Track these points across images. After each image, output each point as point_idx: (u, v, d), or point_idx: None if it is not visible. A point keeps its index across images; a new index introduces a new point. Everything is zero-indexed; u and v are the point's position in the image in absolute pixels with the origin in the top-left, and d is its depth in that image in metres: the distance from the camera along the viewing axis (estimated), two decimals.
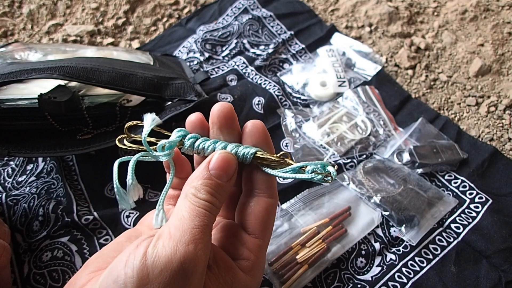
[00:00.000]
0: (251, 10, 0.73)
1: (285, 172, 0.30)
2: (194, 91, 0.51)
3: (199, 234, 0.26)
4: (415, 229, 0.49)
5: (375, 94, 0.63)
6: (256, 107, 0.59)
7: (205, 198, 0.28)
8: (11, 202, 0.49)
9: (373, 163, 0.54)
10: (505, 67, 0.68)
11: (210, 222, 0.28)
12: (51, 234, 0.46)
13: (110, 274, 0.25)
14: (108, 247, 0.30)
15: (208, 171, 0.29)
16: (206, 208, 0.27)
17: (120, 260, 0.25)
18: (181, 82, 0.51)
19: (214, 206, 0.28)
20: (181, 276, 0.24)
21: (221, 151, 0.29)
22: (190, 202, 0.27)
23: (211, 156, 0.29)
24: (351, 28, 0.73)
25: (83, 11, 0.74)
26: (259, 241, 0.31)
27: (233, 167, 0.29)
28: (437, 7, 0.76)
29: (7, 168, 0.54)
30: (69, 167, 0.53)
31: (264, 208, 0.31)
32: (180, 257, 0.24)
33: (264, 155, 0.30)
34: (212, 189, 0.28)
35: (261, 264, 0.31)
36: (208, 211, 0.27)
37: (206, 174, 0.29)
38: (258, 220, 0.30)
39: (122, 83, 0.47)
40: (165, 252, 0.24)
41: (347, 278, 0.46)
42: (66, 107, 0.46)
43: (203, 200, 0.28)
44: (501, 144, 0.60)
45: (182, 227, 0.26)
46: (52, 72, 0.44)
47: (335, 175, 0.29)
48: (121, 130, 0.48)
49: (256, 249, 0.30)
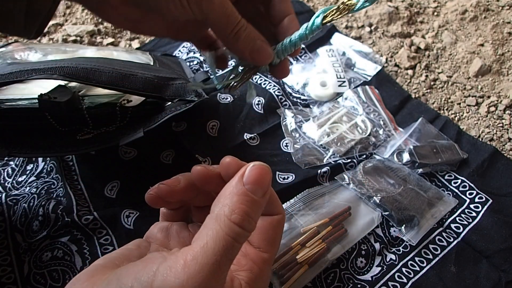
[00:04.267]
0: None
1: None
2: (194, 91, 0.51)
3: (219, 271, 0.22)
4: (415, 229, 0.49)
5: (375, 94, 0.63)
6: (256, 107, 0.59)
7: (239, 223, 0.23)
8: (11, 202, 0.49)
9: (373, 163, 0.54)
10: (505, 67, 0.68)
11: (236, 254, 0.24)
12: (51, 234, 0.46)
13: (118, 281, 0.23)
14: (118, 251, 0.29)
15: (243, 185, 0.24)
16: (237, 236, 0.23)
17: (132, 271, 0.23)
18: (181, 83, 0.51)
19: (248, 232, 0.24)
20: None
21: (253, 163, 0.25)
22: (220, 227, 0.23)
23: (243, 168, 0.25)
24: (351, 28, 0.73)
25: (83, 11, 0.74)
26: (265, 254, 0.29)
27: (268, 178, 0.25)
28: (437, 7, 0.76)
29: (7, 168, 0.54)
30: (69, 167, 0.53)
31: (270, 225, 0.29)
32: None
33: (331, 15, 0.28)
34: (249, 208, 0.24)
35: (264, 277, 0.29)
36: (239, 242, 0.23)
37: (241, 189, 0.24)
38: (264, 235, 0.28)
39: (122, 83, 0.47)
40: (174, 283, 0.21)
41: (347, 278, 0.46)
42: (66, 107, 0.46)
43: (237, 224, 0.23)
44: (501, 144, 0.60)
45: (202, 260, 0.22)
46: (52, 73, 0.44)
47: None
48: (121, 130, 0.48)
49: (260, 262, 0.28)
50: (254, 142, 0.56)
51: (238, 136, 0.56)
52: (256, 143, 0.56)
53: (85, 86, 0.50)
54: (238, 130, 0.56)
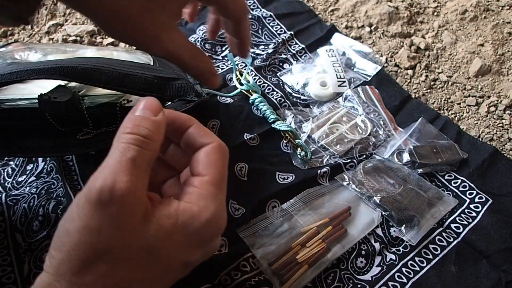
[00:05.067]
0: (251, 10, 0.73)
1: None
2: (194, 91, 0.51)
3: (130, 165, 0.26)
4: (415, 229, 0.49)
5: (375, 94, 0.63)
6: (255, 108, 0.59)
7: (130, 131, 0.27)
8: (11, 202, 0.49)
9: (373, 163, 0.54)
10: (505, 67, 0.68)
11: (143, 156, 0.27)
12: (51, 234, 0.46)
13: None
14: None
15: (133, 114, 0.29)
16: (135, 142, 0.27)
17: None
18: (181, 83, 0.51)
19: (145, 138, 0.27)
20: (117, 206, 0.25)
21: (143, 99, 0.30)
22: (118, 142, 0.27)
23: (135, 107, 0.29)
24: (351, 28, 0.73)
25: None
26: (206, 177, 0.29)
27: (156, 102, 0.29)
28: (437, 7, 0.76)
29: (7, 168, 0.54)
30: (69, 167, 0.53)
31: (205, 153, 0.30)
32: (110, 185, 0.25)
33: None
34: (137, 123, 0.28)
35: (210, 197, 0.29)
36: (138, 145, 0.27)
37: (131, 116, 0.28)
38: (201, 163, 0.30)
39: (122, 83, 0.47)
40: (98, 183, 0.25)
41: (347, 278, 0.46)
42: (66, 107, 0.46)
43: (129, 133, 0.27)
44: (501, 144, 0.60)
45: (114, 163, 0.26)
46: (52, 73, 0.44)
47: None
48: None
49: (203, 184, 0.29)
50: (254, 142, 0.56)
51: (238, 136, 0.56)
52: (256, 143, 0.56)
53: (85, 86, 0.50)
54: (238, 130, 0.56)
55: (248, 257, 0.45)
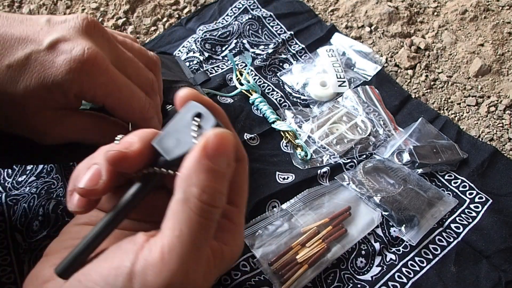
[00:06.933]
0: (251, 10, 0.73)
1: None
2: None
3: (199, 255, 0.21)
4: (415, 229, 0.49)
5: (375, 94, 0.63)
6: (255, 108, 0.59)
7: (211, 202, 0.21)
8: (11, 202, 0.49)
9: (373, 163, 0.54)
10: (505, 67, 0.68)
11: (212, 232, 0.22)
12: (51, 234, 0.46)
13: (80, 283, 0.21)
14: (69, 229, 0.27)
15: (207, 160, 0.21)
16: (211, 215, 0.21)
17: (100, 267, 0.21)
18: (183, 85, 0.51)
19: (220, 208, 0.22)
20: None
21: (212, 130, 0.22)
22: (192, 210, 0.21)
23: (203, 139, 0.21)
24: (351, 28, 0.73)
25: (83, 11, 0.74)
26: (237, 209, 0.26)
27: (231, 144, 0.22)
28: (437, 7, 0.76)
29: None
30: (69, 167, 0.53)
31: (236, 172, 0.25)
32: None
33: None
34: (217, 183, 0.21)
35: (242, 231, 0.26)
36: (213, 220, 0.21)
37: (205, 164, 0.21)
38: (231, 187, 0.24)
39: None
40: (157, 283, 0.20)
41: (347, 278, 0.46)
42: None
43: (209, 204, 0.21)
44: (501, 144, 0.60)
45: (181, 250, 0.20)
46: None
47: None
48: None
49: (237, 216, 0.25)
50: (254, 142, 0.56)
51: (238, 136, 0.56)
52: (256, 144, 0.56)
53: None
54: (238, 130, 0.56)
55: (248, 257, 0.46)
